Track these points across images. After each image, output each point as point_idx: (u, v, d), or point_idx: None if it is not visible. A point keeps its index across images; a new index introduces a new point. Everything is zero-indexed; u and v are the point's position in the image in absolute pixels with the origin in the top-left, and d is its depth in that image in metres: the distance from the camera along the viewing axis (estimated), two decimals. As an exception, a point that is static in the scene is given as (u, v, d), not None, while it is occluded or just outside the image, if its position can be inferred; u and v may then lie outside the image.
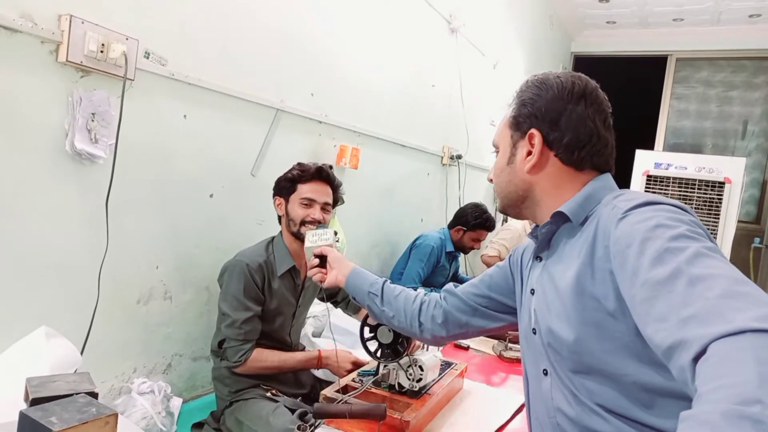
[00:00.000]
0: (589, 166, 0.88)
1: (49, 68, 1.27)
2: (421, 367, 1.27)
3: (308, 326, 2.03)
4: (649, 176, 3.96)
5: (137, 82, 1.46)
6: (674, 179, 3.90)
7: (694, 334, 0.54)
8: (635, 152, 4.04)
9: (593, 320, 0.77)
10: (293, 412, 1.44)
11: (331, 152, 2.33)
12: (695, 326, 0.55)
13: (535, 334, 0.90)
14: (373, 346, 1.30)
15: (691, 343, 0.54)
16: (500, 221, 3.95)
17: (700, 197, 3.82)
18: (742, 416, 0.43)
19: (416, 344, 1.37)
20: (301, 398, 1.62)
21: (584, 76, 0.90)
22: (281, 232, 1.67)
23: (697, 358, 0.53)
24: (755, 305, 0.53)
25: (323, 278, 1.22)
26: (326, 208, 1.62)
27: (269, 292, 1.58)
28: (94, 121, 1.36)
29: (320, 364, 1.62)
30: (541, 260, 0.93)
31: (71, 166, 1.35)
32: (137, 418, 1.43)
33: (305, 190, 1.60)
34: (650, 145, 5.17)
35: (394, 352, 1.28)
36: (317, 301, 1.87)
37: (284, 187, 1.63)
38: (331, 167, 1.68)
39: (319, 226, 1.49)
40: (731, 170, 3.75)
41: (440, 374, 1.40)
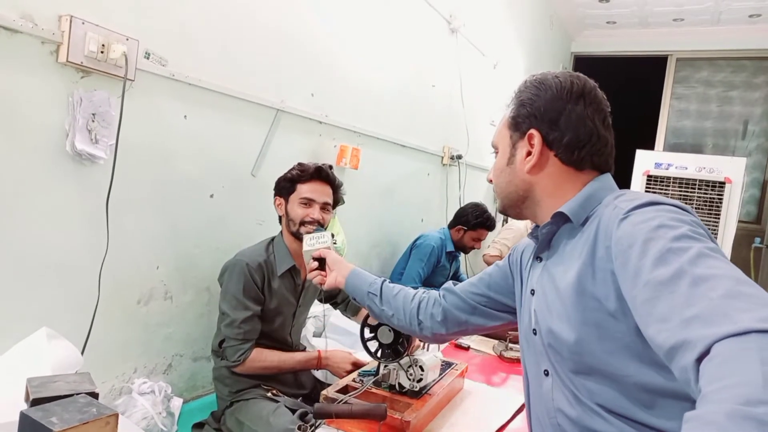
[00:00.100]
0: (589, 165, 0.88)
1: (49, 69, 1.27)
2: (421, 367, 1.27)
3: (308, 326, 2.03)
4: (649, 176, 3.96)
5: (137, 82, 1.46)
6: (674, 179, 3.90)
7: (697, 334, 0.54)
8: (635, 152, 4.04)
9: (594, 321, 0.77)
10: (294, 412, 1.44)
11: (331, 152, 2.33)
12: (699, 326, 0.54)
13: (535, 334, 0.90)
14: (373, 346, 1.30)
15: (694, 343, 0.54)
16: (500, 221, 3.95)
17: (700, 197, 3.82)
18: (747, 417, 0.43)
19: (417, 344, 1.37)
20: (301, 398, 1.62)
21: (582, 75, 0.90)
22: (282, 232, 1.67)
23: (700, 358, 0.52)
24: (759, 306, 0.53)
25: (323, 281, 1.23)
26: (326, 208, 1.62)
27: (269, 291, 1.58)
28: (94, 121, 1.36)
29: (320, 364, 1.62)
30: (541, 261, 0.93)
31: (71, 166, 1.35)
32: (138, 418, 1.43)
33: (305, 190, 1.60)
34: (650, 145, 5.17)
35: (394, 352, 1.28)
36: (317, 301, 1.87)
37: (284, 187, 1.63)
38: (331, 167, 1.67)
39: (317, 228, 1.49)
40: (732, 170, 3.75)
41: (441, 374, 1.40)
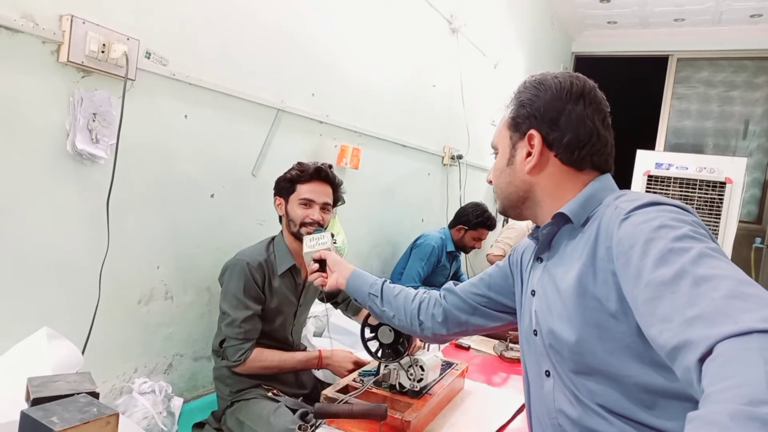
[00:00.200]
0: (589, 165, 0.88)
1: (50, 68, 1.28)
2: (422, 367, 1.27)
3: (309, 326, 2.03)
4: (650, 176, 3.96)
5: (138, 82, 1.46)
6: (675, 179, 3.89)
7: (700, 334, 0.54)
8: (636, 152, 4.04)
9: (595, 321, 0.77)
10: (294, 412, 1.44)
11: (331, 152, 2.33)
12: (701, 326, 0.54)
13: (536, 335, 0.90)
14: (373, 346, 1.30)
15: (697, 343, 0.54)
16: (500, 221, 3.95)
17: (701, 197, 3.82)
18: (750, 417, 0.43)
19: (417, 344, 1.37)
20: (302, 398, 1.62)
21: (582, 75, 0.90)
22: (282, 231, 1.67)
23: (703, 358, 0.52)
24: (762, 306, 0.53)
25: (324, 282, 1.23)
26: (325, 208, 1.62)
27: (270, 291, 1.58)
28: (95, 121, 1.36)
29: (321, 364, 1.62)
30: (541, 261, 0.93)
31: (72, 166, 1.35)
32: (138, 418, 1.43)
33: (304, 190, 1.59)
34: (651, 145, 5.17)
35: (394, 352, 1.28)
36: (318, 301, 1.87)
37: (284, 187, 1.63)
38: (330, 166, 1.67)
39: (316, 230, 1.49)
40: (732, 170, 3.75)
41: (441, 374, 1.40)
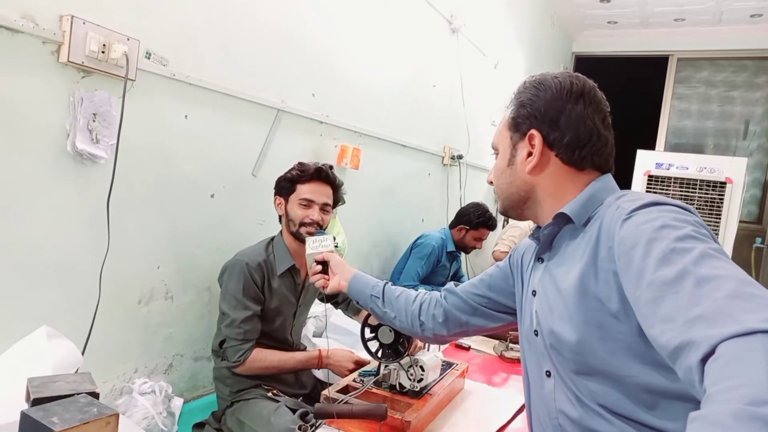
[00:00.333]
0: (590, 165, 0.88)
1: (50, 68, 1.27)
2: (422, 367, 1.27)
3: (309, 326, 2.03)
4: (650, 176, 3.96)
5: (138, 82, 1.46)
6: (675, 179, 3.89)
7: (702, 334, 0.54)
8: (636, 152, 4.04)
9: (596, 321, 0.77)
10: (294, 412, 1.44)
11: (332, 152, 2.33)
12: (703, 327, 0.54)
13: (537, 335, 0.90)
14: (374, 346, 1.30)
15: (699, 343, 0.54)
16: (500, 221, 3.94)
17: (701, 197, 3.82)
18: (753, 417, 0.43)
19: (418, 345, 1.37)
20: (302, 398, 1.62)
21: (582, 75, 0.90)
22: (281, 231, 1.67)
23: (705, 358, 0.52)
24: (764, 307, 0.53)
25: (326, 284, 1.24)
26: (325, 209, 1.62)
27: (269, 291, 1.58)
28: (95, 121, 1.36)
29: (321, 363, 1.62)
30: (542, 262, 0.92)
31: (72, 166, 1.35)
32: (138, 418, 1.43)
33: (304, 190, 1.59)
34: (651, 145, 5.16)
35: (395, 352, 1.28)
36: (318, 301, 1.87)
37: (284, 187, 1.63)
38: (331, 167, 1.67)
39: (318, 231, 1.49)
40: (732, 170, 3.75)
41: (441, 374, 1.40)
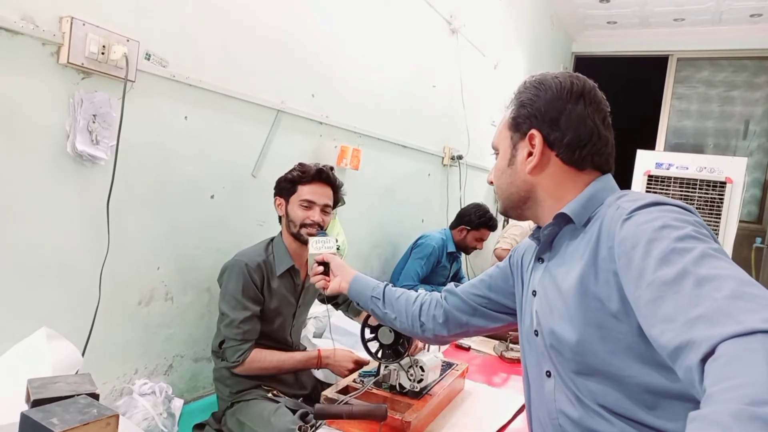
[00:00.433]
0: (590, 165, 0.88)
1: (50, 70, 1.28)
2: (422, 367, 1.27)
3: (309, 327, 2.03)
4: (650, 176, 3.96)
5: (138, 83, 1.46)
6: (675, 179, 3.89)
7: (702, 334, 0.54)
8: (636, 152, 4.04)
9: (596, 321, 0.77)
10: (294, 412, 1.44)
11: (332, 153, 2.33)
12: (703, 327, 0.54)
13: (537, 335, 0.90)
14: (374, 346, 1.30)
15: (699, 343, 0.54)
16: (501, 222, 3.94)
17: (701, 197, 3.82)
18: (753, 417, 0.43)
19: (418, 346, 1.37)
20: (302, 399, 1.62)
21: (582, 75, 0.90)
22: (281, 232, 1.67)
23: (705, 358, 0.52)
24: (764, 307, 0.53)
25: (326, 285, 1.24)
26: (326, 210, 1.62)
27: (269, 291, 1.58)
28: (95, 122, 1.36)
29: (320, 363, 1.62)
30: (543, 262, 0.92)
31: (72, 167, 1.35)
32: (138, 419, 1.43)
33: (305, 191, 1.59)
34: (651, 145, 5.16)
35: (395, 352, 1.28)
36: (318, 302, 1.87)
37: (284, 187, 1.63)
38: (332, 168, 1.67)
39: (319, 232, 1.49)
40: (732, 170, 3.75)
41: (441, 375, 1.40)
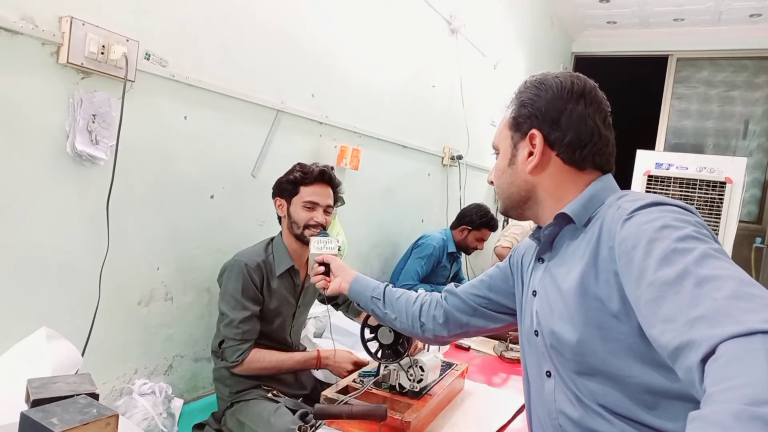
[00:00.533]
0: (590, 165, 0.88)
1: (49, 70, 1.28)
2: (421, 367, 1.27)
3: (309, 327, 2.03)
4: (650, 176, 3.96)
5: (138, 83, 1.46)
6: (675, 179, 3.89)
7: (702, 334, 0.54)
8: (636, 152, 4.04)
9: (596, 321, 0.77)
10: (294, 412, 1.44)
11: (331, 153, 2.33)
12: (704, 327, 0.54)
13: (537, 336, 0.90)
14: (373, 346, 1.30)
15: (699, 343, 0.54)
16: (501, 222, 3.94)
17: (701, 197, 3.82)
18: (753, 417, 0.43)
19: (418, 346, 1.37)
20: (302, 399, 1.62)
21: (582, 75, 0.90)
22: (281, 232, 1.67)
23: (705, 358, 0.52)
24: (765, 307, 0.53)
25: (326, 285, 1.24)
26: (328, 210, 1.62)
27: (268, 292, 1.58)
28: (94, 122, 1.36)
29: (319, 364, 1.62)
30: (543, 262, 0.92)
31: (72, 167, 1.35)
32: (138, 419, 1.43)
33: (308, 193, 1.59)
34: (651, 145, 5.16)
35: (394, 352, 1.28)
36: (318, 302, 1.87)
37: (286, 188, 1.62)
38: (332, 168, 1.67)
39: (321, 233, 1.49)
40: (732, 170, 3.75)
41: (441, 375, 1.40)
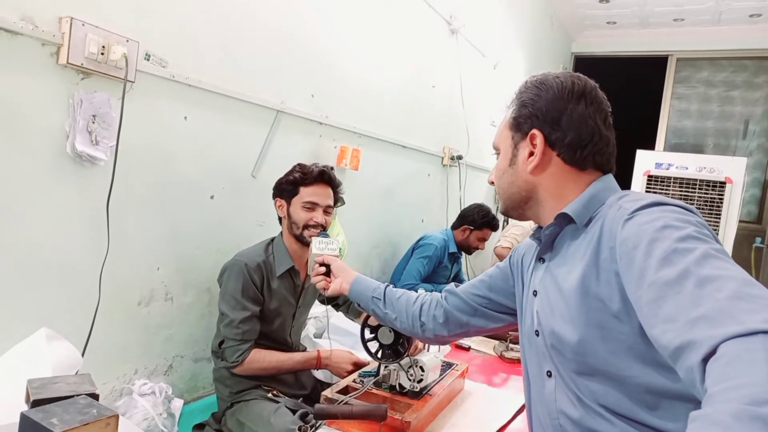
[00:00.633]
0: (591, 165, 0.88)
1: (49, 70, 1.27)
2: (422, 367, 1.27)
3: (310, 327, 2.03)
4: (650, 176, 3.96)
5: (138, 83, 1.46)
6: (675, 179, 3.89)
7: (704, 334, 0.54)
8: (636, 152, 4.04)
9: (597, 321, 0.77)
10: (294, 412, 1.44)
11: (331, 153, 2.33)
12: (705, 327, 0.54)
13: (538, 336, 0.90)
14: (373, 347, 1.30)
15: (700, 343, 0.54)
16: (501, 221, 3.94)
17: (701, 197, 3.82)
18: (754, 417, 0.43)
19: (418, 346, 1.37)
20: (302, 399, 1.62)
21: (583, 75, 0.90)
22: (281, 232, 1.67)
23: (706, 358, 0.52)
24: (766, 307, 0.53)
25: (327, 286, 1.24)
26: (328, 211, 1.62)
27: (268, 292, 1.58)
28: (94, 123, 1.36)
29: (319, 364, 1.62)
30: (543, 262, 0.92)
31: (72, 167, 1.35)
32: (138, 419, 1.43)
33: (308, 193, 1.59)
34: (651, 145, 5.16)
35: (394, 352, 1.28)
36: (318, 302, 1.87)
37: (286, 189, 1.62)
38: (332, 168, 1.67)
39: (321, 233, 1.49)
40: (732, 170, 3.75)
41: (441, 375, 1.40)
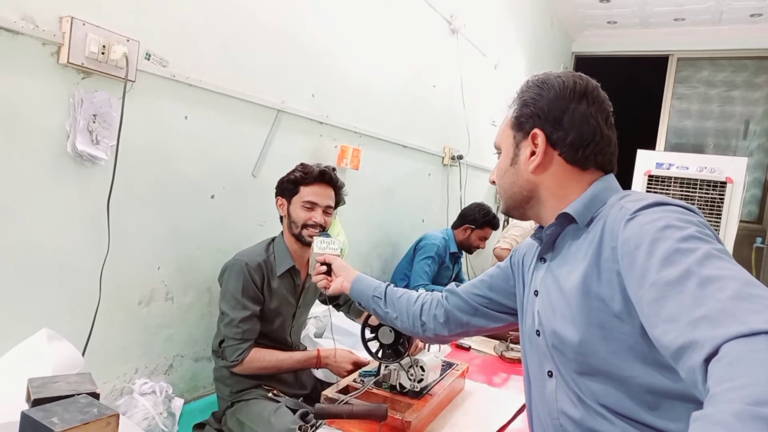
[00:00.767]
0: (593, 165, 0.87)
1: (50, 70, 1.28)
2: (422, 367, 1.27)
3: (310, 327, 2.03)
4: (650, 176, 3.96)
5: (138, 83, 1.46)
6: (676, 179, 3.89)
7: (706, 334, 0.54)
8: (637, 152, 4.04)
9: (599, 321, 0.77)
10: (294, 412, 1.44)
11: (332, 153, 2.33)
12: (707, 327, 0.54)
13: (539, 336, 0.90)
14: (374, 346, 1.30)
15: (702, 343, 0.54)
16: (502, 221, 3.94)
17: (701, 197, 3.81)
18: (756, 417, 0.43)
19: (418, 346, 1.37)
20: (302, 399, 1.62)
21: (585, 75, 0.90)
22: (282, 232, 1.67)
23: (708, 358, 0.52)
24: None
25: (328, 285, 1.24)
26: (328, 211, 1.62)
27: (269, 291, 1.58)
28: (95, 122, 1.36)
29: (319, 363, 1.62)
30: (545, 262, 0.92)
31: (72, 167, 1.35)
32: (139, 418, 1.43)
33: (308, 192, 1.59)
34: (652, 145, 5.16)
35: (395, 352, 1.28)
36: (319, 302, 1.87)
37: (287, 188, 1.62)
38: (334, 169, 1.67)
39: (322, 233, 1.49)
40: (733, 170, 3.74)
41: (441, 375, 1.39)
